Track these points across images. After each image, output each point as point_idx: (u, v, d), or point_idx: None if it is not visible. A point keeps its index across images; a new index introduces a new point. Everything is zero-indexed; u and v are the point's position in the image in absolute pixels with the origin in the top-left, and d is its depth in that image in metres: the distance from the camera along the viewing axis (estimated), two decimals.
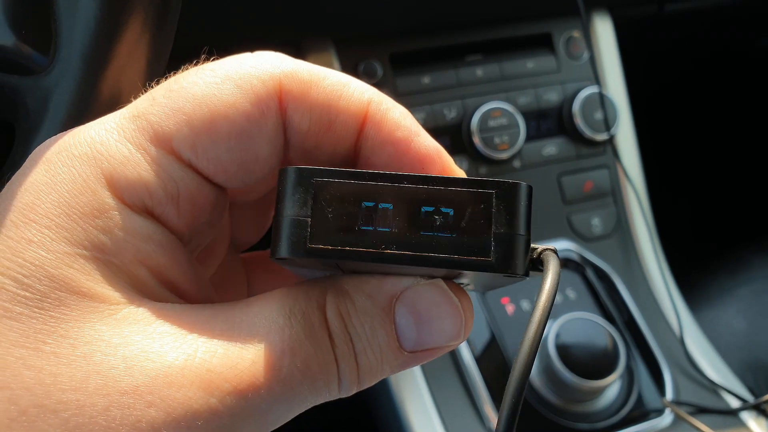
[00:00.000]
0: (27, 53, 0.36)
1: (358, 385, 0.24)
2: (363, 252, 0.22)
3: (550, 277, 0.22)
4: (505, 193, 0.23)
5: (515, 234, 0.23)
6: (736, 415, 0.70)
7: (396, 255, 0.22)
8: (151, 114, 0.24)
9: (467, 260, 0.22)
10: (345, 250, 0.22)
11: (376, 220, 0.22)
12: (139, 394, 0.20)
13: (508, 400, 0.21)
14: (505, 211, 0.23)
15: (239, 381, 0.21)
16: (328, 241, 0.22)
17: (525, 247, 0.23)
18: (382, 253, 0.22)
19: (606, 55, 0.85)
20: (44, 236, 0.22)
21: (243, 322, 0.23)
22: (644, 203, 0.83)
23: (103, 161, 0.23)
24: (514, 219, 0.23)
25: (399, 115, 0.26)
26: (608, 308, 0.75)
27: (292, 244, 0.22)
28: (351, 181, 0.23)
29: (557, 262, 0.23)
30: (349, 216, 0.22)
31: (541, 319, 0.22)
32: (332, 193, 0.23)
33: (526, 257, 0.23)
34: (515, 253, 0.22)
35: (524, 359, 0.21)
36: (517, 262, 0.23)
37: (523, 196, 0.23)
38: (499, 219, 0.22)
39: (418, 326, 0.24)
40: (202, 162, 0.24)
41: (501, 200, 0.23)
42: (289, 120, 0.25)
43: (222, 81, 0.24)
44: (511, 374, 0.21)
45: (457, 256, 0.22)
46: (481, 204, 0.22)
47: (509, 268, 0.22)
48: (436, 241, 0.22)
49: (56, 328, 0.21)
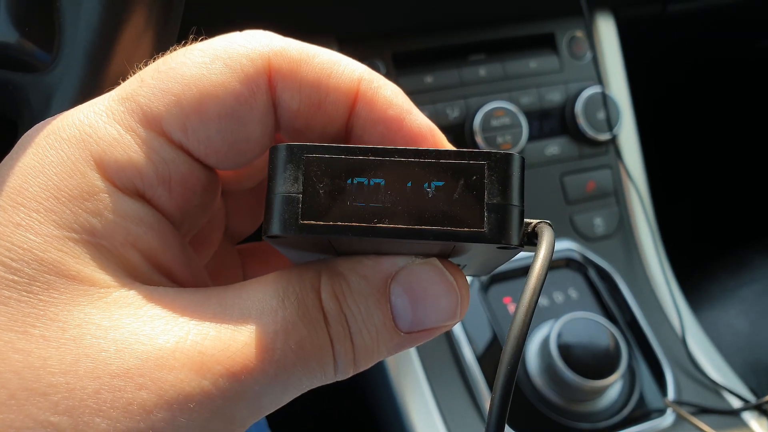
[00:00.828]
0: (30, 50, 0.36)
1: (354, 367, 0.24)
2: (355, 227, 0.22)
3: (545, 245, 0.22)
4: (497, 163, 0.22)
5: (508, 204, 0.22)
6: (737, 416, 0.70)
7: (389, 229, 0.22)
8: (140, 95, 0.24)
9: (460, 231, 0.22)
10: (337, 226, 0.22)
11: (367, 195, 0.22)
12: (129, 376, 0.20)
13: (504, 361, 0.21)
14: (498, 182, 0.22)
15: (232, 363, 0.21)
16: (320, 217, 0.22)
17: (519, 217, 0.23)
18: (375, 227, 0.22)
19: (609, 56, 0.85)
20: (32, 220, 0.22)
21: (236, 304, 0.23)
22: (646, 203, 0.83)
23: (92, 143, 0.23)
24: (506, 189, 0.22)
25: (391, 93, 0.26)
26: (610, 308, 0.75)
27: (284, 221, 0.22)
28: (342, 156, 0.22)
29: (551, 232, 0.23)
30: (340, 191, 0.22)
31: (536, 286, 0.21)
32: (323, 169, 0.22)
33: (520, 227, 0.23)
34: (509, 224, 0.22)
35: (519, 328, 0.21)
36: (511, 232, 0.22)
37: (515, 166, 0.23)
38: (492, 190, 0.22)
39: (413, 306, 0.24)
40: (193, 143, 0.24)
41: (493, 171, 0.22)
42: (279, 99, 0.25)
43: (211, 60, 0.24)
44: (506, 344, 0.21)
45: (450, 227, 0.22)
46: (473, 175, 0.22)
47: (503, 238, 0.22)
48: (429, 214, 0.22)
49: (45, 312, 0.21)
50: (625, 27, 0.87)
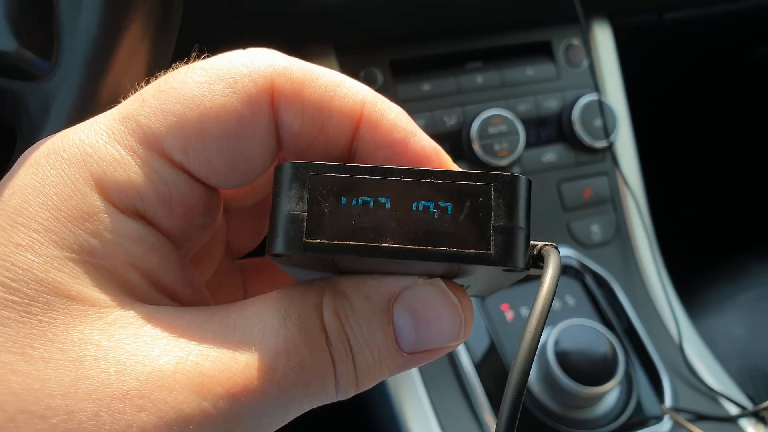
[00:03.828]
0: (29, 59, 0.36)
1: (356, 388, 0.24)
2: (360, 246, 0.22)
3: (551, 269, 0.22)
4: (504, 186, 0.22)
5: (515, 227, 0.22)
6: (735, 422, 0.70)
7: (394, 249, 0.22)
8: (140, 115, 0.23)
9: (466, 253, 0.22)
10: (342, 245, 0.22)
11: (373, 215, 0.22)
12: (129, 398, 0.20)
13: (511, 386, 0.20)
14: (504, 204, 0.22)
15: (232, 384, 0.21)
16: (325, 235, 0.22)
17: (525, 240, 0.22)
18: (380, 247, 0.22)
19: (605, 63, 0.85)
20: (32, 240, 0.21)
21: (237, 324, 0.22)
22: (643, 210, 0.83)
23: (92, 163, 0.23)
24: (513, 212, 0.22)
25: (395, 115, 0.26)
26: (607, 315, 0.75)
27: (289, 240, 0.22)
28: (347, 176, 0.22)
29: (558, 255, 0.23)
30: (345, 210, 0.22)
31: (543, 309, 0.21)
32: (328, 188, 0.22)
33: (526, 250, 0.23)
34: (515, 246, 0.22)
35: (526, 352, 0.21)
36: (517, 255, 0.22)
37: (522, 189, 0.23)
38: (498, 212, 0.22)
39: (416, 327, 0.24)
40: (194, 164, 0.24)
41: (500, 193, 0.22)
42: (282, 120, 0.25)
43: (213, 81, 0.24)
44: (512, 369, 0.21)
45: (455, 249, 0.22)
46: (479, 197, 0.22)
47: (509, 260, 0.22)
48: (435, 235, 0.22)
49: (45, 333, 0.21)
50: (622, 34, 0.87)
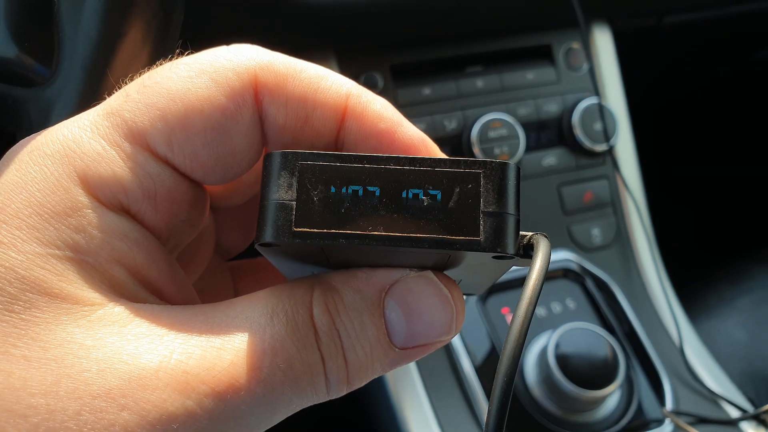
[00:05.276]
0: (29, 65, 0.36)
1: (348, 385, 0.24)
2: (349, 234, 0.22)
3: (540, 255, 0.22)
4: (493, 172, 0.22)
5: (504, 213, 0.22)
6: (735, 426, 0.70)
7: (383, 236, 0.22)
8: (125, 110, 0.23)
9: (456, 240, 0.22)
10: (331, 233, 0.22)
11: (362, 203, 0.22)
12: (111, 397, 0.20)
13: (501, 372, 0.20)
14: (494, 191, 0.22)
15: (217, 383, 0.21)
16: (314, 224, 0.22)
17: (515, 225, 0.22)
18: (369, 234, 0.22)
19: (605, 67, 0.85)
20: (15, 237, 0.21)
21: (223, 322, 0.22)
22: (644, 214, 0.83)
23: (75, 159, 0.23)
24: (502, 198, 0.22)
25: (380, 106, 0.26)
26: (608, 318, 0.75)
27: (277, 228, 0.22)
28: (336, 164, 0.22)
29: (547, 242, 0.23)
30: (335, 199, 0.22)
31: (532, 296, 0.21)
32: (317, 176, 0.22)
33: (516, 236, 0.22)
34: (505, 232, 0.22)
35: (515, 338, 0.21)
36: (507, 240, 0.22)
37: (511, 175, 0.23)
38: (488, 198, 0.22)
39: (408, 320, 0.23)
40: (179, 158, 0.24)
41: (489, 179, 0.22)
42: (266, 113, 0.25)
43: (197, 75, 0.24)
44: (502, 355, 0.21)
45: (445, 236, 0.22)
46: (469, 184, 0.22)
47: (499, 246, 0.22)
48: (424, 222, 0.22)
49: (27, 331, 0.20)
50: (622, 38, 0.87)
